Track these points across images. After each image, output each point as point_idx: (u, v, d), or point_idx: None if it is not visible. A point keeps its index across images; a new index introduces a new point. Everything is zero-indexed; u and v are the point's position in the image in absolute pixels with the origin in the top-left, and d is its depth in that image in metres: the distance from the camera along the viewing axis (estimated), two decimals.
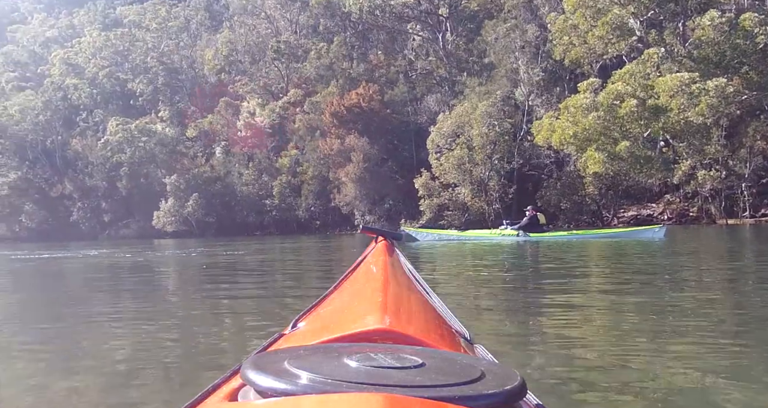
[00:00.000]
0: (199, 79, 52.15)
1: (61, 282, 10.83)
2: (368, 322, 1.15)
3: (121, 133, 47.24)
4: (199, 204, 42.94)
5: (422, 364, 0.83)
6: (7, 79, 57.47)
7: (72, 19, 62.90)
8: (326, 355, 0.87)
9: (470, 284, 7.77)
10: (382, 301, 1.36)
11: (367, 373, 0.79)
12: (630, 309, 5.09)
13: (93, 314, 5.92)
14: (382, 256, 2.25)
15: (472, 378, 0.80)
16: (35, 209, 51.71)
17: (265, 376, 0.78)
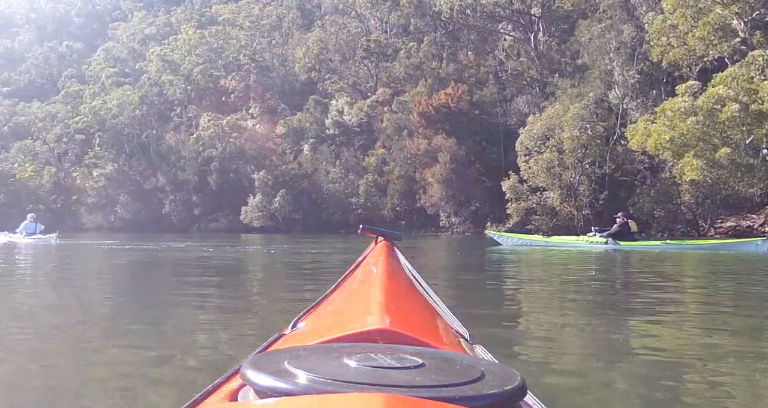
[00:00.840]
0: (289, 76, 53.35)
1: (140, 273, 11.42)
2: (368, 322, 1.19)
3: (213, 129, 48.81)
4: (286, 200, 43.91)
5: (422, 365, 0.84)
6: (107, 74, 60.21)
7: (169, 17, 65.36)
8: (326, 355, 0.89)
9: (552, 295, 7.67)
10: (382, 301, 1.39)
11: (367, 373, 0.80)
12: (726, 329, 4.88)
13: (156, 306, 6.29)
14: (382, 256, 2.27)
15: (472, 378, 0.81)
16: (129, 201, 53.96)
17: (265, 376, 0.79)
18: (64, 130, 58.48)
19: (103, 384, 3.39)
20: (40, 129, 60.58)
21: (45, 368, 3.85)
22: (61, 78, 66.52)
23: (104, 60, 63.82)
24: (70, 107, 59.76)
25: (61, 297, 7.77)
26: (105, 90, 58.22)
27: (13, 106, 65.41)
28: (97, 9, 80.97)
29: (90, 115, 55.33)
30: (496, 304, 6.62)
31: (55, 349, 4.33)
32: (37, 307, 6.70)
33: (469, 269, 12.26)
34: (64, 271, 12.25)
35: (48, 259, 15.88)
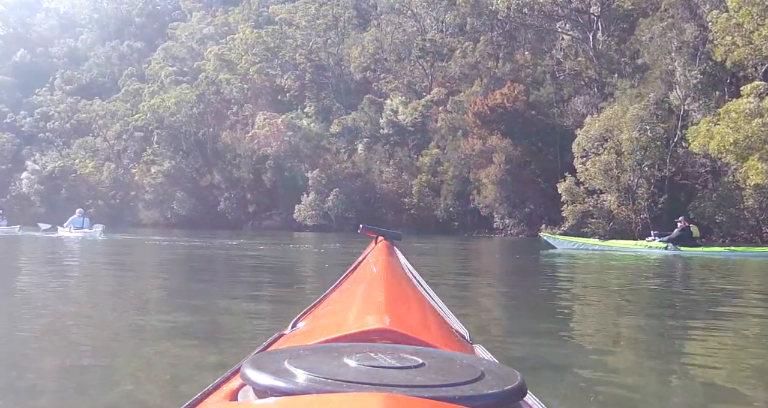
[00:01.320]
0: (344, 76, 53.71)
1: (185, 268, 11.63)
2: (368, 322, 1.19)
3: (268, 127, 49.38)
4: (339, 199, 44.18)
5: (422, 364, 0.85)
6: (166, 73, 61.45)
7: (227, 17, 66.36)
8: (326, 354, 0.90)
9: (608, 304, 7.37)
10: (382, 301, 1.40)
11: (367, 372, 0.81)
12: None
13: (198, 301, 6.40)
14: (382, 256, 2.28)
15: (472, 378, 0.81)
16: (186, 197, 54.90)
17: (265, 375, 0.79)
18: (123, 128, 59.87)
19: (154, 373, 3.50)
20: (101, 126, 62.17)
21: (81, 352, 4.00)
22: (122, 76, 68.13)
23: (163, 59, 65.15)
24: (130, 105, 61.16)
25: (99, 288, 8.02)
26: (164, 88, 59.41)
27: (75, 103, 67.23)
28: (157, 9, 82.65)
29: (149, 113, 56.55)
30: (550, 312, 6.44)
31: (94, 335, 4.49)
32: (77, 296, 6.93)
33: (523, 273, 12.05)
34: (105, 264, 12.64)
35: (92, 252, 16.40)
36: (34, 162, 60.99)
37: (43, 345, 4.40)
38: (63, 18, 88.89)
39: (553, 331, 5.11)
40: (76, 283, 8.89)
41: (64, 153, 62.78)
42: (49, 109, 67.65)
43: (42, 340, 4.53)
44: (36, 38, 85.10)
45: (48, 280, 9.03)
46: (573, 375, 3.63)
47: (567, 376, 3.56)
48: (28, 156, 63.29)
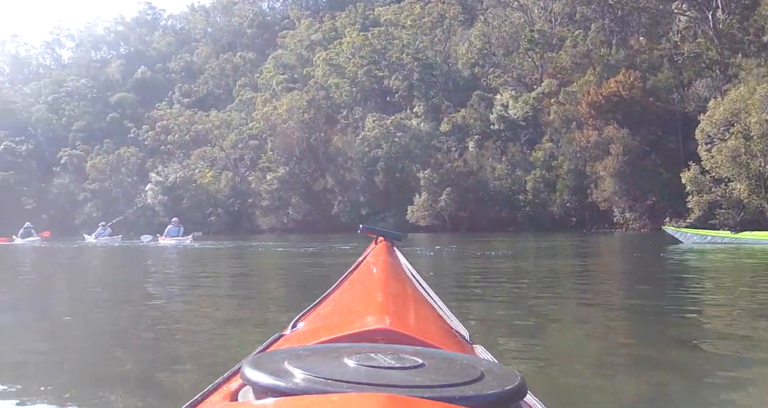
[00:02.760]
0: (452, 73, 53.52)
1: (304, 276, 11.70)
2: (368, 322, 1.19)
3: (378, 129, 49.84)
4: (452, 198, 44.00)
5: (422, 364, 0.84)
6: (277, 81, 63.22)
7: (334, 22, 67.56)
8: (326, 355, 0.89)
9: (747, 312, 6.26)
10: (382, 301, 1.39)
11: (366, 373, 0.80)
12: None
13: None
14: (382, 256, 2.28)
15: (472, 378, 0.81)
16: (300, 202, 56.14)
17: (265, 376, 0.79)
18: (238, 137, 61.92)
19: None
20: (217, 136, 64.57)
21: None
22: (236, 87, 70.62)
23: (274, 67, 67.04)
24: (244, 114, 63.31)
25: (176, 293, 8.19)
26: (276, 96, 61.04)
27: (192, 115, 70.25)
28: (267, 20, 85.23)
29: (262, 121, 58.30)
30: (682, 324, 5.53)
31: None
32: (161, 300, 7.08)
33: (646, 274, 10.93)
34: (204, 271, 12.91)
35: (185, 258, 16.94)
36: (157, 174, 63.99)
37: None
38: (179, 34, 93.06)
39: (687, 362, 4.16)
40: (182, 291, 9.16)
41: (185, 164, 65.49)
42: (169, 122, 70.92)
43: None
44: (155, 55, 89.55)
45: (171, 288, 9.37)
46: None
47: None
48: (151, 168, 66.45)
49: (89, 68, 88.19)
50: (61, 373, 3.78)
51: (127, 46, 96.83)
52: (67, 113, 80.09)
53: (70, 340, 5.00)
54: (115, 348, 4.58)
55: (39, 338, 5.15)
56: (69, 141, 77.17)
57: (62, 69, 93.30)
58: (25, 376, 3.72)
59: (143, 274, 12.00)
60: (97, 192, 68.95)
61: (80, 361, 4.28)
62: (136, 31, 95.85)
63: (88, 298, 8.17)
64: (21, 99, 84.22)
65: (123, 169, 69.25)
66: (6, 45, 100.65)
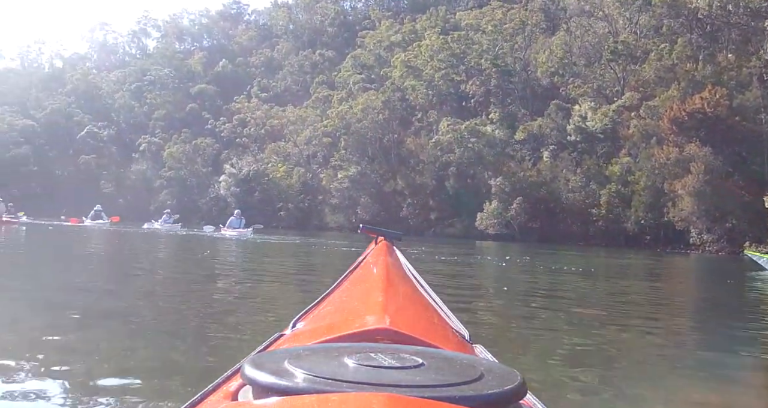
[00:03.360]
0: (531, 81, 52.99)
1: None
2: (368, 322, 1.19)
3: (452, 134, 49.69)
4: (523, 208, 43.57)
5: (422, 364, 0.85)
6: (354, 80, 63.66)
7: (414, 24, 67.66)
8: (326, 354, 0.89)
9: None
10: (381, 301, 1.39)
11: (367, 372, 0.81)
12: None
13: None
14: (382, 256, 2.28)
15: (471, 378, 0.81)
16: (370, 202, 56.36)
17: (265, 375, 0.79)
18: (313, 133, 62.52)
19: None
20: (292, 132, 65.36)
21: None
22: (313, 84, 71.37)
23: (352, 67, 67.48)
24: (320, 111, 63.90)
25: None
26: (352, 95, 61.49)
27: (269, 110, 71.31)
28: (348, 19, 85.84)
29: (337, 119, 58.78)
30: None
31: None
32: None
33: (729, 304, 10.33)
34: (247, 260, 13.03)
35: (244, 250, 17.17)
36: (231, 166, 65.18)
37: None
38: (261, 29, 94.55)
39: None
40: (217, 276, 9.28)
41: (259, 157, 66.51)
42: (246, 116, 72.14)
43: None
44: (237, 49, 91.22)
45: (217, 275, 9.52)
46: None
47: None
48: (226, 160, 67.72)
49: (172, 59, 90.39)
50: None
51: (210, 38, 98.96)
52: (149, 101, 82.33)
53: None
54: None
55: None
56: (149, 128, 79.38)
57: (147, 58, 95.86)
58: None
59: (204, 264, 12.28)
60: (173, 180, 70.71)
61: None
62: (220, 25, 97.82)
63: (154, 283, 8.40)
64: (106, 85, 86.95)
65: (199, 159, 70.85)
66: (95, 32, 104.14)
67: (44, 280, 8.63)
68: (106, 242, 19.51)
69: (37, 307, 6.20)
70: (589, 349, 5.52)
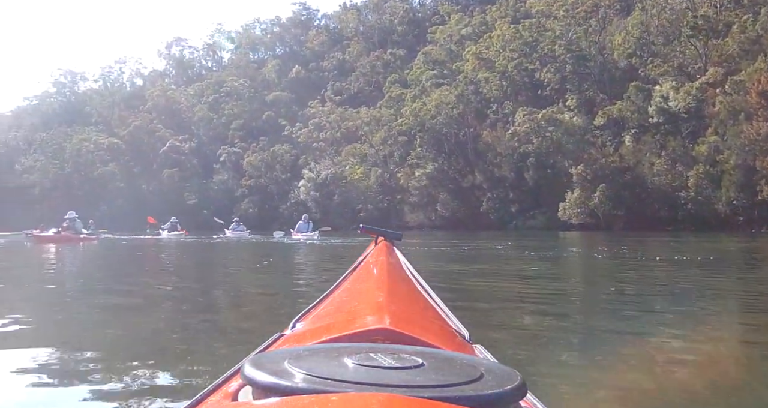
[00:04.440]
0: (607, 64, 51.68)
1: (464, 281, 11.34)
2: (368, 322, 1.20)
3: (528, 124, 48.94)
4: (606, 195, 42.56)
5: (422, 364, 0.85)
6: (427, 76, 63.48)
7: (485, 16, 67.08)
8: (326, 355, 0.90)
9: None
10: (381, 301, 1.41)
11: (366, 373, 0.81)
12: None
13: None
14: (382, 256, 2.31)
15: (471, 378, 0.81)
16: (449, 199, 56.14)
17: (265, 375, 0.80)
18: (388, 133, 62.69)
19: None
20: (367, 132, 65.70)
21: None
22: (386, 84, 71.49)
23: (424, 63, 67.32)
24: (393, 111, 64.02)
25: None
26: (425, 92, 61.36)
27: (343, 112, 71.88)
28: (417, 16, 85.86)
29: (411, 117, 58.82)
30: None
31: None
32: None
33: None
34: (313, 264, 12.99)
35: (310, 252, 17.19)
36: (309, 170, 66.07)
37: None
38: (332, 33, 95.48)
39: None
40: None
41: (336, 160, 67.12)
42: (321, 120, 72.92)
43: None
44: (309, 54, 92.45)
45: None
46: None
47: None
48: (304, 165, 68.68)
49: (247, 69, 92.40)
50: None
51: (283, 46, 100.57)
52: (227, 112, 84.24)
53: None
54: None
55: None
56: (228, 139, 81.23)
57: (222, 70, 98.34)
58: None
59: (267, 271, 12.36)
60: (254, 188, 72.17)
61: None
62: (291, 32, 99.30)
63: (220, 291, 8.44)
64: (185, 99, 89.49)
65: (277, 166, 72.05)
66: (172, 49, 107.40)
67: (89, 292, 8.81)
68: (174, 253, 19.87)
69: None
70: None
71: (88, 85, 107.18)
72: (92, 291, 8.29)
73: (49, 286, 9.35)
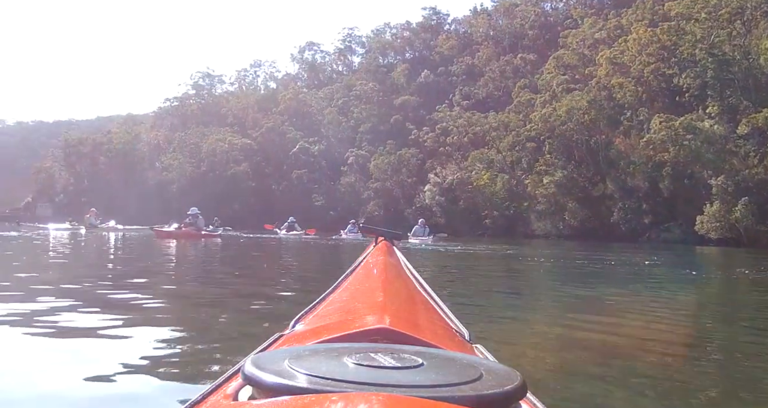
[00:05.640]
0: (753, 69, 48.80)
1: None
2: (368, 322, 1.20)
3: (665, 131, 47.03)
4: (750, 209, 40.26)
5: (422, 364, 0.85)
6: (558, 81, 62.18)
7: (620, 19, 64.90)
8: (326, 354, 0.90)
9: None
10: (382, 301, 1.41)
11: (366, 372, 0.82)
12: None
13: None
14: (382, 256, 2.33)
15: (471, 378, 0.82)
16: (577, 207, 54.82)
17: (265, 375, 0.80)
18: (515, 139, 61.95)
19: None
20: (494, 138, 65.11)
21: None
22: (515, 89, 70.58)
23: (555, 68, 66.00)
24: (522, 116, 63.19)
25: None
26: (555, 97, 60.17)
27: (471, 117, 71.55)
28: (549, 20, 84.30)
29: (540, 123, 57.86)
30: None
31: None
32: None
33: None
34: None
35: (427, 259, 16.92)
36: (435, 175, 66.18)
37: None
38: (461, 38, 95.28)
39: None
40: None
41: (462, 165, 66.87)
42: (449, 124, 72.91)
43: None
44: (438, 59, 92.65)
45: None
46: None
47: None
48: (430, 169, 68.90)
49: (376, 73, 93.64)
50: None
51: (412, 50, 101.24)
52: (355, 116, 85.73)
53: None
54: None
55: None
56: (356, 142, 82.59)
57: (352, 74, 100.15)
58: None
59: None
60: (380, 191, 73.00)
61: None
62: (421, 36, 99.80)
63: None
64: (315, 102, 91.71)
65: (403, 170, 72.57)
66: (304, 53, 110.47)
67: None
68: (290, 252, 20.31)
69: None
70: None
71: (224, 88, 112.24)
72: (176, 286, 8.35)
73: (134, 280, 9.66)
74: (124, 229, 36.07)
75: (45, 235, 25.20)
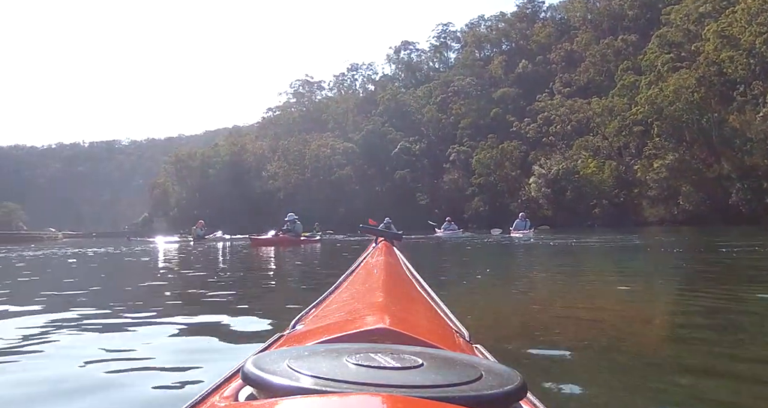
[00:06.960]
0: None
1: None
2: (368, 322, 1.20)
3: None
4: None
5: (422, 364, 0.85)
6: (663, 61, 59.84)
7: None
8: (326, 355, 0.90)
9: None
10: (382, 301, 1.42)
11: (367, 373, 0.82)
12: None
13: None
14: (382, 256, 2.31)
15: (471, 378, 0.82)
16: (692, 191, 52.72)
17: (265, 376, 0.80)
18: (621, 123, 60.10)
19: None
20: (599, 124, 63.36)
21: None
22: (617, 71, 68.42)
23: (659, 47, 63.53)
24: (627, 99, 61.23)
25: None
26: (661, 77, 57.98)
27: (573, 104, 69.89)
28: None
29: (646, 105, 55.94)
30: None
31: None
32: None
33: None
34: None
35: (527, 252, 16.08)
36: (540, 166, 64.95)
37: None
38: (558, 24, 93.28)
39: None
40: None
41: (567, 155, 65.42)
42: (551, 114, 71.50)
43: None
44: (535, 47, 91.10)
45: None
46: None
47: None
48: (534, 161, 67.72)
49: (473, 67, 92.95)
50: None
51: (509, 42, 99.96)
52: (455, 112, 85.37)
53: None
54: None
55: None
56: (457, 138, 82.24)
57: (449, 70, 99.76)
58: None
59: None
60: (483, 186, 72.33)
61: None
62: (516, 26, 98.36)
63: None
64: (414, 102, 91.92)
65: (507, 163, 71.68)
66: (400, 53, 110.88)
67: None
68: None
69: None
70: None
71: (323, 94, 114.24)
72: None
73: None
74: (231, 239, 36.97)
75: (153, 249, 25.99)
